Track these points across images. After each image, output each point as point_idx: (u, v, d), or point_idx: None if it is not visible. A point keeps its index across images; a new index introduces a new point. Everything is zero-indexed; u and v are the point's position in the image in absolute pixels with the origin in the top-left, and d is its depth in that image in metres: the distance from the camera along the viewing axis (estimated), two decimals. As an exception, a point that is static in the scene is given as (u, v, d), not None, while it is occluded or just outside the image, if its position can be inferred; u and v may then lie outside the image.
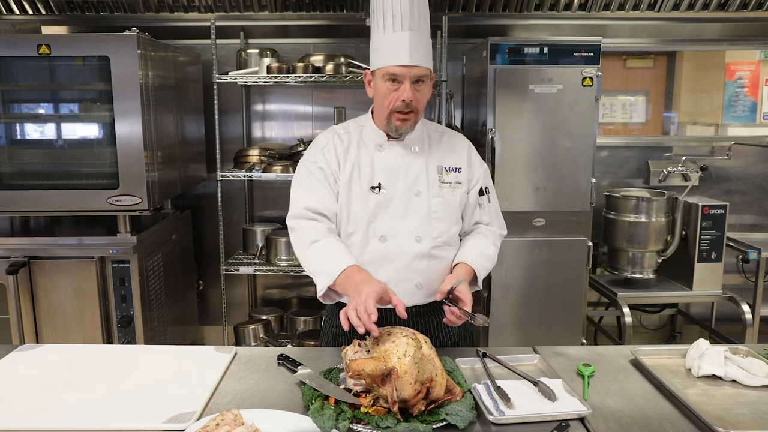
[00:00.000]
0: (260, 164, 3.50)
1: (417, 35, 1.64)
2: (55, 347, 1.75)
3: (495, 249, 1.83)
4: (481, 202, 1.82)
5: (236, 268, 3.50)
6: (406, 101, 1.63)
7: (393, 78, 1.63)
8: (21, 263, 2.83)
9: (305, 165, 1.76)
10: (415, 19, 1.65)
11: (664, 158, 3.92)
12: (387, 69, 1.64)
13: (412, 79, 1.63)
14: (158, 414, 1.34)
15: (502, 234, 1.88)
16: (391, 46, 1.64)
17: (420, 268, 1.71)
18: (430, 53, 1.70)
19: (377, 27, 1.69)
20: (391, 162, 1.73)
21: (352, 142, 1.76)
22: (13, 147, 2.98)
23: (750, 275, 3.69)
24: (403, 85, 1.63)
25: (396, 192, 1.71)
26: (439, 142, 1.80)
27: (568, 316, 3.31)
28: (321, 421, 1.26)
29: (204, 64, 3.68)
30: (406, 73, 1.62)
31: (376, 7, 1.70)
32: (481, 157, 1.87)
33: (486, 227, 1.84)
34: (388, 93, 1.65)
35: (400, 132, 1.70)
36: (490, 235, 1.83)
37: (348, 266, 1.57)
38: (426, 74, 1.66)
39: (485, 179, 1.84)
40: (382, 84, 1.66)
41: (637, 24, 3.81)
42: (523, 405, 1.36)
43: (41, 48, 2.75)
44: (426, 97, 1.70)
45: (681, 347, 1.69)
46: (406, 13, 1.64)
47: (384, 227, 1.70)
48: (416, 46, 1.63)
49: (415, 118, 1.69)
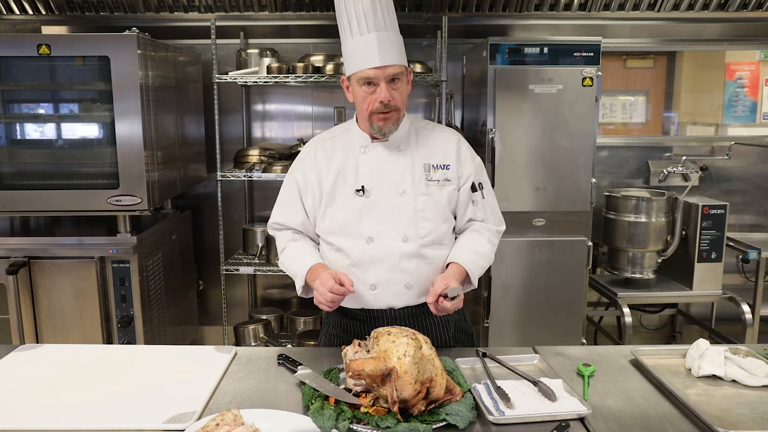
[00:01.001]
0: (260, 164, 3.50)
1: (384, 35, 1.64)
2: (55, 347, 1.75)
3: (491, 246, 1.80)
4: (474, 198, 1.78)
5: (236, 268, 3.50)
6: (384, 102, 1.63)
7: (368, 81, 1.64)
8: (21, 263, 2.83)
9: (287, 177, 1.85)
10: (380, 19, 1.64)
11: (664, 158, 3.92)
12: (360, 73, 1.64)
13: (387, 78, 1.63)
14: (158, 414, 1.34)
15: (499, 230, 1.84)
16: (361, 49, 1.63)
17: (409, 268, 1.70)
18: (402, 49, 1.69)
19: (344, 32, 1.69)
20: (375, 163, 1.73)
21: (337, 147, 1.78)
22: (13, 147, 2.98)
23: (750, 275, 3.69)
24: (379, 86, 1.63)
25: (380, 193, 1.71)
26: (427, 139, 1.78)
27: (568, 316, 3.31)
28: (321, 421, 1.26)
29: (204, 64, 3.68)
30: (379, 74, 1.62)
31: (340, 13, 1.69)
32: (474, 152, 1.84)
33: (480, 224, 1.81)
34: (366, 96, 1.65)
35: (383, 132, 1.70)
36: (485, 232, 1.80)
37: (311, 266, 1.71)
38: (400, 71, 1.65)
39: (477, 174, 1.80)
40: (358, 88, 1.67)
41: (637, 24, 3.81)
42: (523, 405, 1.36)
43: (41, 48, 2.75)
44: (404, 93, 1.69)
45: (681, 347, 1.69)
46: (369, 15, 1.63)
47: (370, 228, 1.70)
48: (385, 45, 1.63)
49: (397, 115, 1.69)
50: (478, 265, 1.73)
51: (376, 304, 1.73)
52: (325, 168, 1.75)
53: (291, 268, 1.79)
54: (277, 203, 1.86)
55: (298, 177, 1.79)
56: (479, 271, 1.74)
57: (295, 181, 1.80)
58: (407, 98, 1.73)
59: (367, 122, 1.69)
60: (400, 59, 1.66)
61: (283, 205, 1.84)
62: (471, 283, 1.74)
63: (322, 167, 1.76)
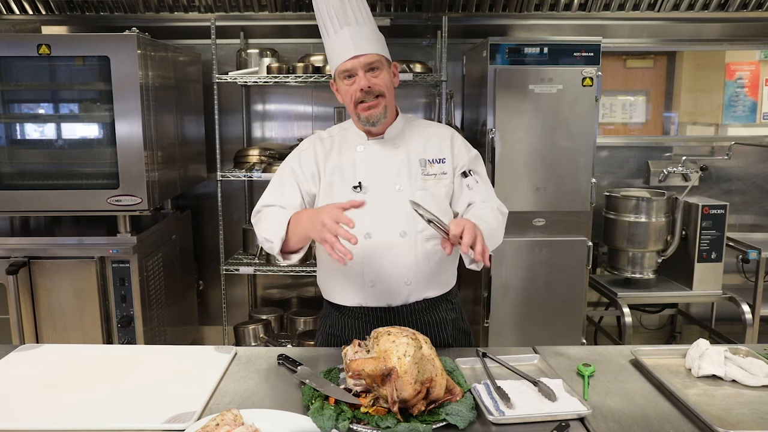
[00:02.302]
0: (260, 164, 3.50)
1: (357, 28, 1.68)
2: (55, 347, 1.75)
3: (495, 217, 1.70)
4: (468, 183, 1.77)
5: (236, 268, 3.50)
6: (364, 89, 1.66)
7: (347, 74, 1.68)
8: (21, 263, 2.83)
9: (281, 168, 1.81)
10: (350, 14, 1.69)
11: (664, 158, 3.92)
12: (340, 67, 1.69)
13: (364, 68, 1.66)
14: (158, 414, 1.34)
15: (501, 210, 1.78)
16: (337, 45, 1.69)
17: (407, 264, 1.71)
18: (379, 40, 1.71)
19: (323, 33, 1.74)
20: (371, 160, 1.75)
21: (335, 145, 1.79)
22: (13, 147, 2.98)
23: (750, 275, 3.69)
24: (357, 76, 1.66)
25: (378, 189, 1.72)
26: (421, 135, 1.80)
27: (568, 316, 3.31)
28: (321, 421, 1.26)
29: (204, 64, 3.68)
30: (356, 65, 1.66)
31: (317, 16, 1.75)
32: (469, 145, 1.84)
33: (482, 203, 1.76)
34: (348, 89, 1.69)
35: (372, 121, 1.70)
36: (487, 208, 1.74)
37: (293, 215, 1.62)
38: (377, 60, 1.68)
39: (472, 164, 1.79)
40: (342, 85, 1.71)
41: (637, 24, 3.81)
42: (523, 405, 1.36)
43: (41, 48, 2.75)
44: (387, 81, 1.70)
45: (681, 347, 1.68)
46: (339, 12, 1.69)
47: (368, 225, 1.69)
48: (357, 37, 1.67)
49: (383, 102, 1.70)
50: (486, 222, 1.62)
51: (375, 301, 1.73)
52: (322, 163, 1.76)
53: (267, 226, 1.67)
54: (270, 189, 1.78)
55: (295, 166, 1.78)
56: (488, 231, 1.60)
57: (291, 169, 1.78)
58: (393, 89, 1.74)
59: (356, 116, 1.72)
60: (374, 48, 1.68)
61: (276, 189, 1.77)
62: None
63: (320, 162, 1.77)
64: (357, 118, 1.73)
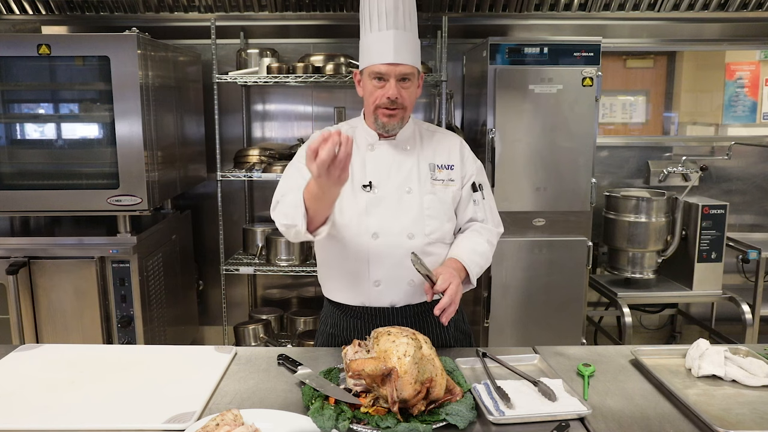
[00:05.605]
0: (260, 164, 3.50)
1: (402, 34, 1.67)
2: (55, 347, 1.75)
3: (489, 247, 1.81)
4: (474, 198, 1.81)
5: (236, 268, 3.50)
6: (391, 98, 1.65)
7: (379, 76, 1.66)
8: (21, 263, 2.83)
9: (292, 164, 1.79)
10: (400, 18, 1.68)
11: (664, 158, 3.92)
12: (372, 67, 1.67)
13: (398, 77, 1.65)
14: (158, 414, 1.34)
15: (498, 231, 1.87)
16: (377, 44, 1.67)
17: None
18: (418, 52, 1.71)
19: (364, 27, 1.72)
20: (383, 161, 1.75)
21: None
22: (13, 147, 2.98)
23: (750, 275, 3.69)
24: (389, 82, 1.65)
25: (387, 190, 1.72)
26: (431, 140, 1.81)
27: (568, 316, 3.31)
28: (321, 421, 1.26)
29: (204, 64, 3.68)
30: (390, 71, 1.65)
31: (363, 8, 1.73)
32: (474, 155, 1.87)
33: (480, 225, 1.83)
34: (374, 90, 1.68)
35: (387, 129, 1.71)
36: (484, 232, 1.81)
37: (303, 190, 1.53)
38: (412, 72, 1.67)
39: (478, 175, 1.83)
40: (369, 82, 1.69)
41: (637, 24, 3.81)
42: (523, 405, 1.36)
43: (41, 48, 2.75)
44: (414, 95, 1.71)
45: (681, 347, 1.69)
46: (390, 12, 1.67)
47: (376, 224, 1.70)
48: (401, 44, 1.66)
49: (403, 114, 1.70)
50: (476, 264, 1.73)
51: (379, 300, 1.73)
52: None
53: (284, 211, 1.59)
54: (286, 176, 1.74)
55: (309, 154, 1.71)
56: (478, 270, 1.74)
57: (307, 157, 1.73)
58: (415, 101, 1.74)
59: (372, 116, 1.71)
60: (413, 60, 1.68)
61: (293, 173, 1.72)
62: (470, 282, 1.74)
63: None
64: (373, 119, 1.72)
